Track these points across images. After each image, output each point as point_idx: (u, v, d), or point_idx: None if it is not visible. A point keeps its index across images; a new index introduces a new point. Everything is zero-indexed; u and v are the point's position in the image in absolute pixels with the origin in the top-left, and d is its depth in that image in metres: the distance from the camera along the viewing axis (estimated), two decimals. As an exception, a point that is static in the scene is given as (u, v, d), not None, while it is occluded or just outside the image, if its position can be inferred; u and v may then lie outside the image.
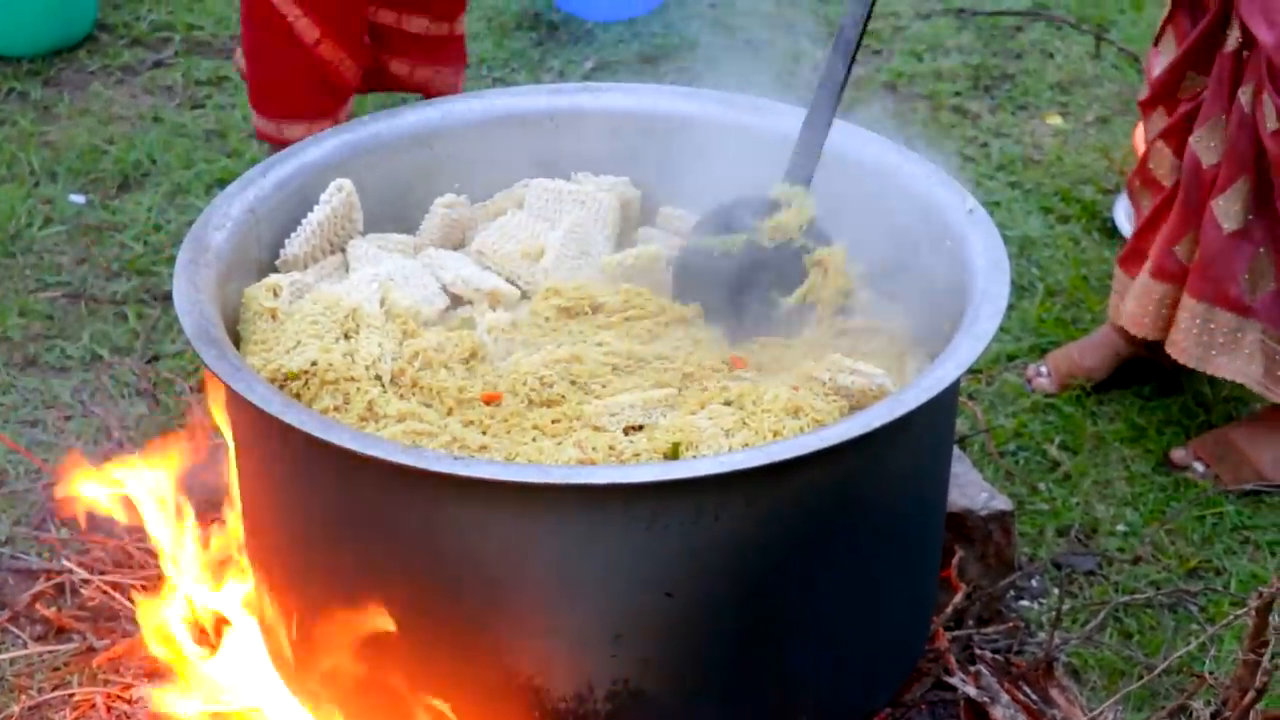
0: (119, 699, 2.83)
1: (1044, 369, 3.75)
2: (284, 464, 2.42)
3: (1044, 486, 3.48)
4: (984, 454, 3.51)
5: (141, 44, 4.99)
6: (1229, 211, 3.28)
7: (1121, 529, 3.38)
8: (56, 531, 3.25)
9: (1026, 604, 3.18)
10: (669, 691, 2.37)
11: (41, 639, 3.02)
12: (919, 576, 2.64)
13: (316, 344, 2.47)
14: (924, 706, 2.76)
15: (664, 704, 2.38)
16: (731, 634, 2.37)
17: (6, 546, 3.22)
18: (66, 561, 3.13)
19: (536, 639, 2.33)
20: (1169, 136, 3.42)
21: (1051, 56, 4.98)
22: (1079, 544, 3.33)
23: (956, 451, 3.04)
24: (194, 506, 3.10)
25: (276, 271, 2.69)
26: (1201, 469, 3.51)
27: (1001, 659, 2.86)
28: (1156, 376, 3.71)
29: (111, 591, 3.06)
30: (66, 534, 3.22)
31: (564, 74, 4.86)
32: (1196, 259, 3.35)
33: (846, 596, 2.43)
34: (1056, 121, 4.68)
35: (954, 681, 2.74)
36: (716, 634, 2.36)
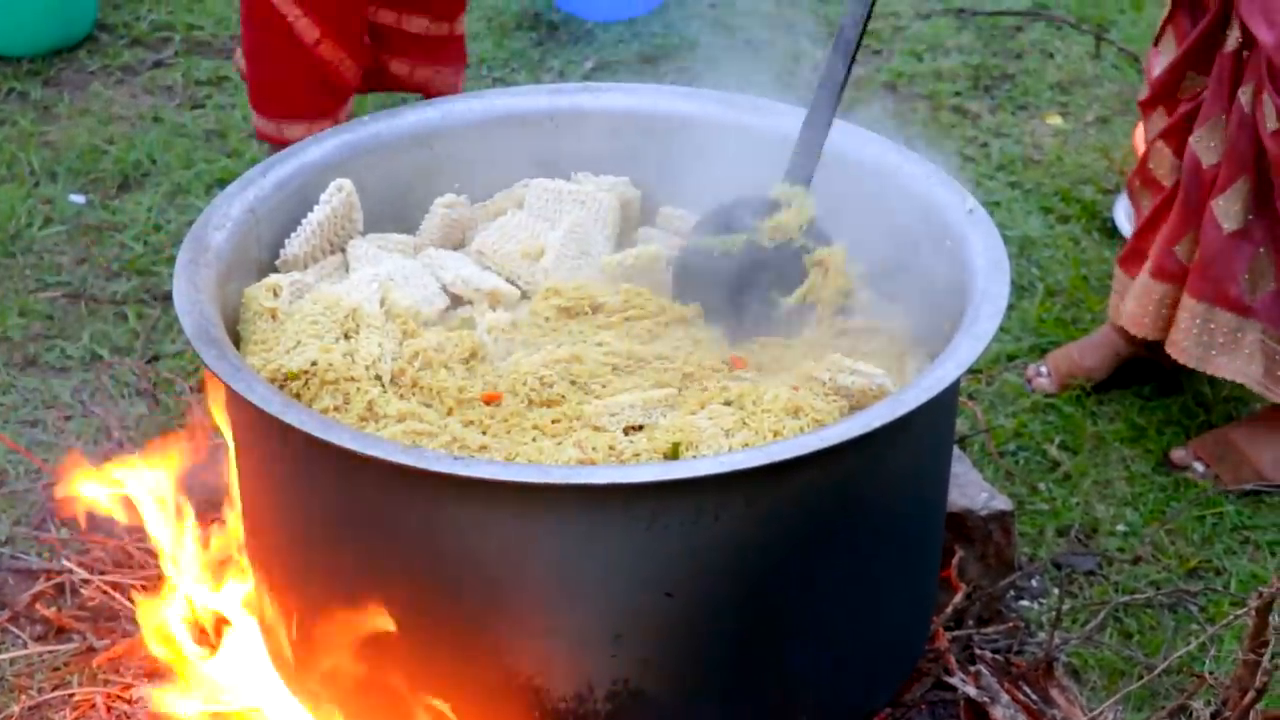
0: (119, 699, 2.83)
1: (1044, 369, 3.75)
2: (284, 464, 2.42)
3: (1044, 486, 3.48)
4: (984, 454, 3.51)
5: (141, 44, 4.98)
6: (1229, 211, 3.28)
7: (1121, 529, 3.38)
8: (56, 531, 3.24)
9: (1026, 604, 3.18)
10: (669, 691, 2.37)
11: (41, 639, 3.02)
12: (919, 576, 2.64)
13: (316, 344, 2.47)
14: (924, 706, 2.76)
15: (664, 704, 2.37)
16: (731, 634, 2.36)
17: (6, 546, 3.22)
18: (66, 561, 3.13)
19: (536, 639, 2.33)
20: (1169, 136, 3.42)
21: (1051, 56, 4.97)
22: (1079, 544, 3.32)
23: (956, 451, 3.04)
24: (194, 506, 3.10)
25: (276, 271, 2.69)
26: (1201, 469, 3.50)
27: (1001, 659, 2.86)
28: (1156, 376, 3.71)
29: (111, 591, 3.05)
30: (66, 534, 3.22)
31: (564, 74, 4.86)
32: (1196, 259, 3.35)
33: (846, 596, 2.43)
34: (1056, 121, 4.68)
35: (954, 681, 2.74)
36: (716, 634, 2.36)
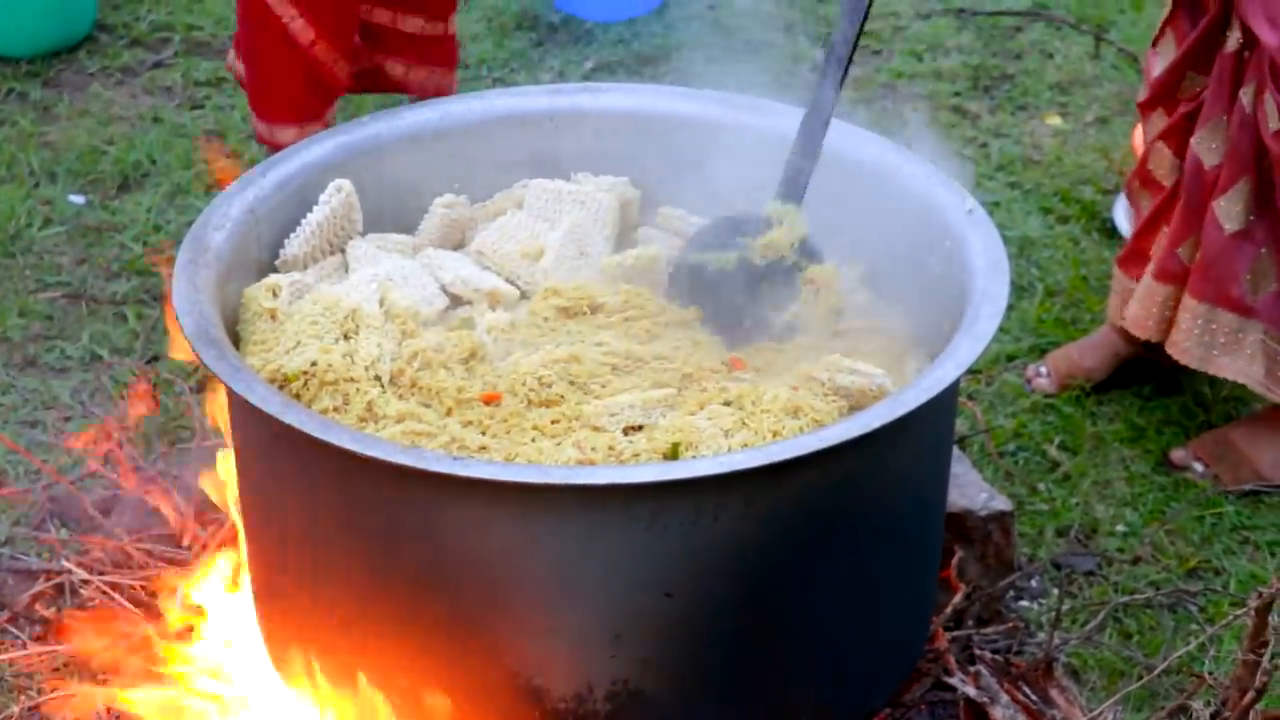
0: (119, 699, 2.83)
1: (1044, 369, 3.75)
2: (284, 464, 2.42)
3: (1044, 487, 3.48)
4: (984, 454, 3.51)
5: (141, 44, 4.98)
6: (1230, 212, 3.28)
7: (1121, 529, 3.38)
8: (56, 532, 3.24)
9: (1026, 604, 3.18)
10: (669, 691, 2.37)
11: (41, 639, 3.02)
12: (919, 576, 2.64)
13: (316, 344, 2.46)
14: (924, 706, 2.76)
15: (664, 704, 2.37)
16: (731, 634, 2.36)
17: (6, 546, 3.22)
18: (66, 562, 3.12)
19: (536, 639, 2.33)
20: (1169, 137, 3.42)
21: (1051, 57, 4.97)
22: (1079, 544, 3.32)
23: (956, 451, 3.04)
24: (194, 506, 3.10)
25: (276, 272, 2.69)
26: (1201, 469, 3.50)
27: (1001, 659, 2.86)
28: (1156, 376, 3.70)
29: (111, 592, 3.05)
30: (66, 534, 3.22)
31: (564, 74, 4.85)
32: (1198, 260, 3.35)
33: (846, 597, 2.43)
34: (1056, 122, 4.68)
35: (954, 682, 2.74)
36: (716, 634, 2.36)
